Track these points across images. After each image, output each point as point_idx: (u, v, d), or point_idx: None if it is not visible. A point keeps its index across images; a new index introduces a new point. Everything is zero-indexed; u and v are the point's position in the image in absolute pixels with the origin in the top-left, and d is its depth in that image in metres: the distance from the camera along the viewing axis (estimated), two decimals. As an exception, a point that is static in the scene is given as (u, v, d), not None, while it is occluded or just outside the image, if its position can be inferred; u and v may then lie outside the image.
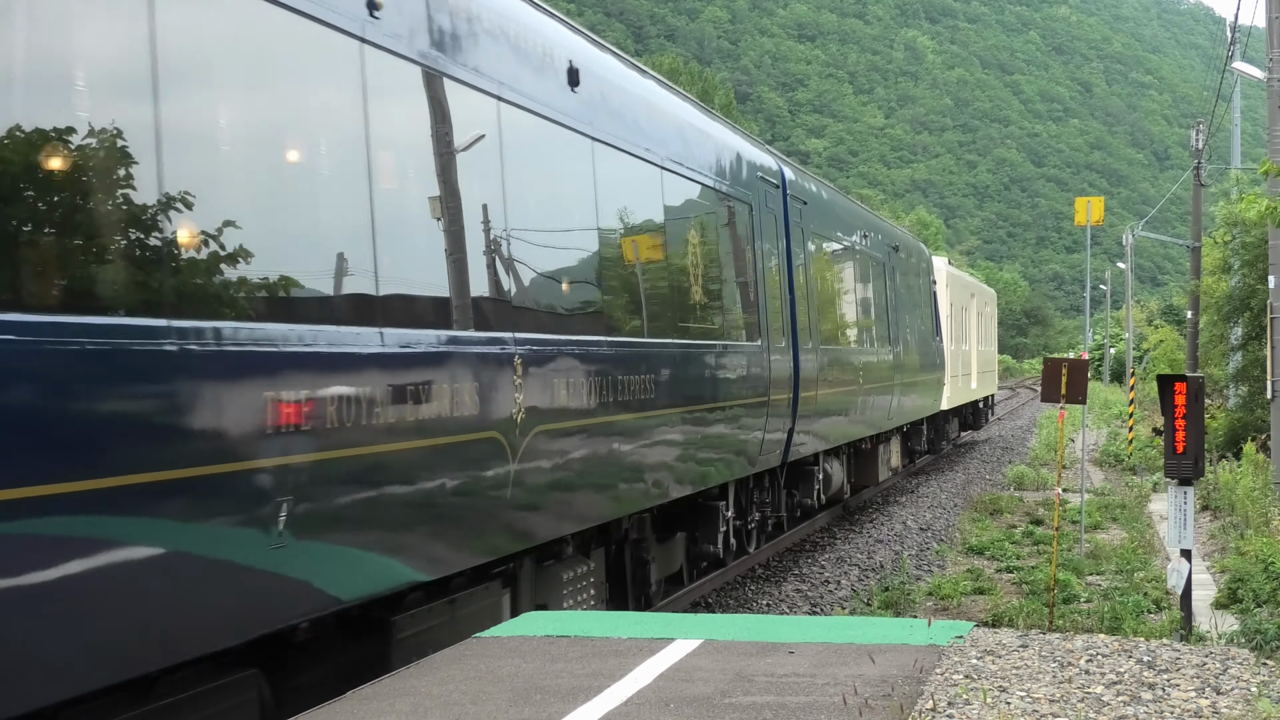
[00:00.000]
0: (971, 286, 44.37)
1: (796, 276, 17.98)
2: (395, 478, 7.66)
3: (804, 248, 18.68)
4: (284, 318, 6.71)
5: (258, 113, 6.91)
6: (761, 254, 16.36)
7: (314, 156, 7.42)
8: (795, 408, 17.24)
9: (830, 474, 20.65)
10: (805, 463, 19.23)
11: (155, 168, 5.91)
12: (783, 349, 16.78)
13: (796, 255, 18.15)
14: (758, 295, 15.97)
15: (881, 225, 27.17)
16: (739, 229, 15.65)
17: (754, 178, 16.49)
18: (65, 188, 5.56)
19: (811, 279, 18.92)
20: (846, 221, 22.80)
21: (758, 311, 15.87)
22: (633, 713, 6.55)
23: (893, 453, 27.12)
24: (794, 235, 18.06)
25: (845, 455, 22.54)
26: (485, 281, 9.14)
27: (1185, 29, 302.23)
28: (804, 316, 18.19)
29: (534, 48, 10.10)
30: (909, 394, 27.09)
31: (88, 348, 5.48)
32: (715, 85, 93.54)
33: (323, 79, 7.42)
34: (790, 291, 17.65)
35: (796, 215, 18.31)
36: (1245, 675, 7.47)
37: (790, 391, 17.03)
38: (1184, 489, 12.78)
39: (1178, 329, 58.25)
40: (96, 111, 5.65)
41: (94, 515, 5.52)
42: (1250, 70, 30.62)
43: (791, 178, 18.67)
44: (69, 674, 5.49)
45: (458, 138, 8.81)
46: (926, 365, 29.82)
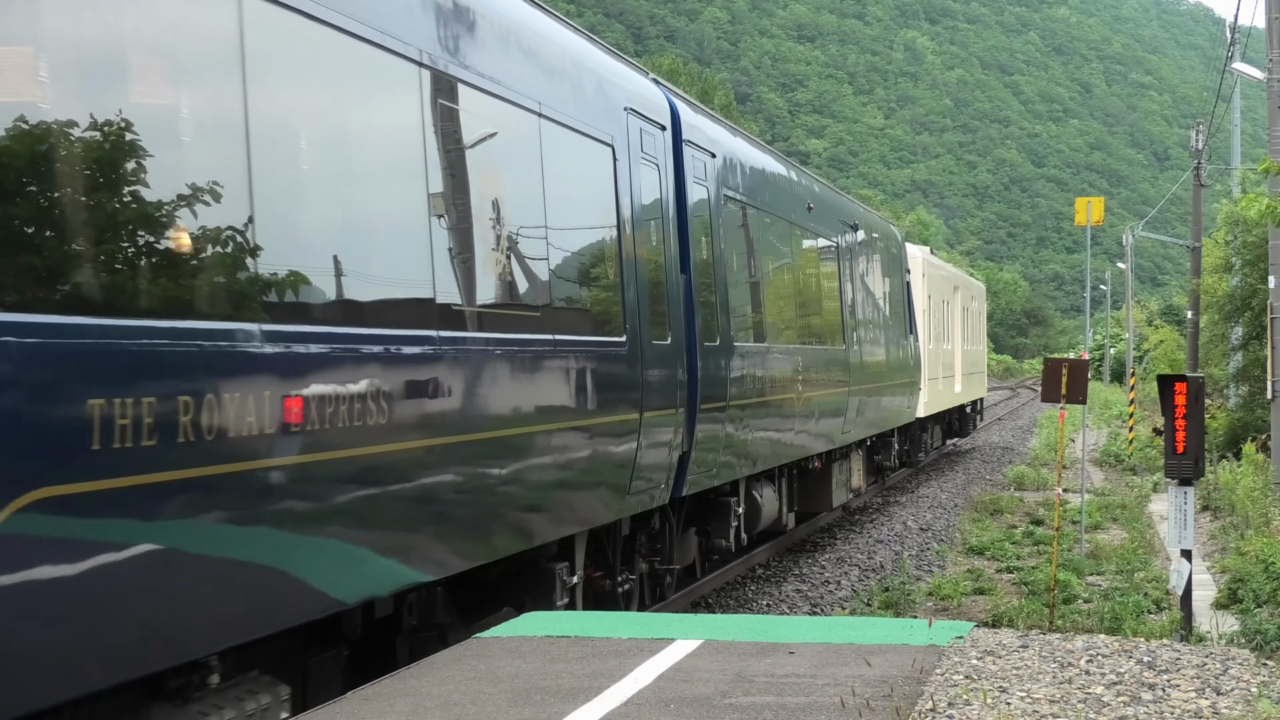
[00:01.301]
0: (955, 279, 39.55)
1: (696, 251, 13.69)
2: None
3: (712, 215, 14.40)
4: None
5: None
6: (631, 216, 11.89)
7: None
8: (692, 425, 13.15)
9: (758, 504, 16.39)
10: (720, 492, 15.15)
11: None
12: (668, 347, 12.57)
13: (698, 224, 13.85)
14: (622, 273, 11.60)
15: (837, 200, 22.91)
16: (588, 177, 11.34)
17: (617, 111, 11.94)
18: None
19: (723, 257, 14.63)
20: (782, 188, 18.34)
21: (621, 296, 11.55)
22: (633, 713, 6.55)
23: (852, 471, 22.65)
24: (693, 197, 13.74)
25: (783, 479, 18.07)
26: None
27: (1185, 30, 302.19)
28: (709, 306, 13.97)
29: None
30: (873, 401, 23.09)
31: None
32: (715, 86, 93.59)
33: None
34: (685, 271, 13.37)
35: (699, 170, 14.04)
36: (1245, 675, 7.47)
37: (683, 404, 12.95)
38: (1184, 489, 12.78)
39: (1178, 329, 58.22)
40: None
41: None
42: (1250, 71, 30.61)
43: (691, 120, 14.22)
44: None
45: None
46: (896, 367, 25.83)
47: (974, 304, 43.30)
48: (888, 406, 24.81)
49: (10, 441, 5.23)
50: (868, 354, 22.73)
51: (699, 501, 14.76)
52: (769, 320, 16.94)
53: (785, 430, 17.20)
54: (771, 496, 17.18)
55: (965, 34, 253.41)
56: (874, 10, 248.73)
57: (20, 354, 5.31)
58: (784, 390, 17.04)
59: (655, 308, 12.38)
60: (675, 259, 13.22)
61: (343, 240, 7.72)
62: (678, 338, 12.92)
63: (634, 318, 11.77)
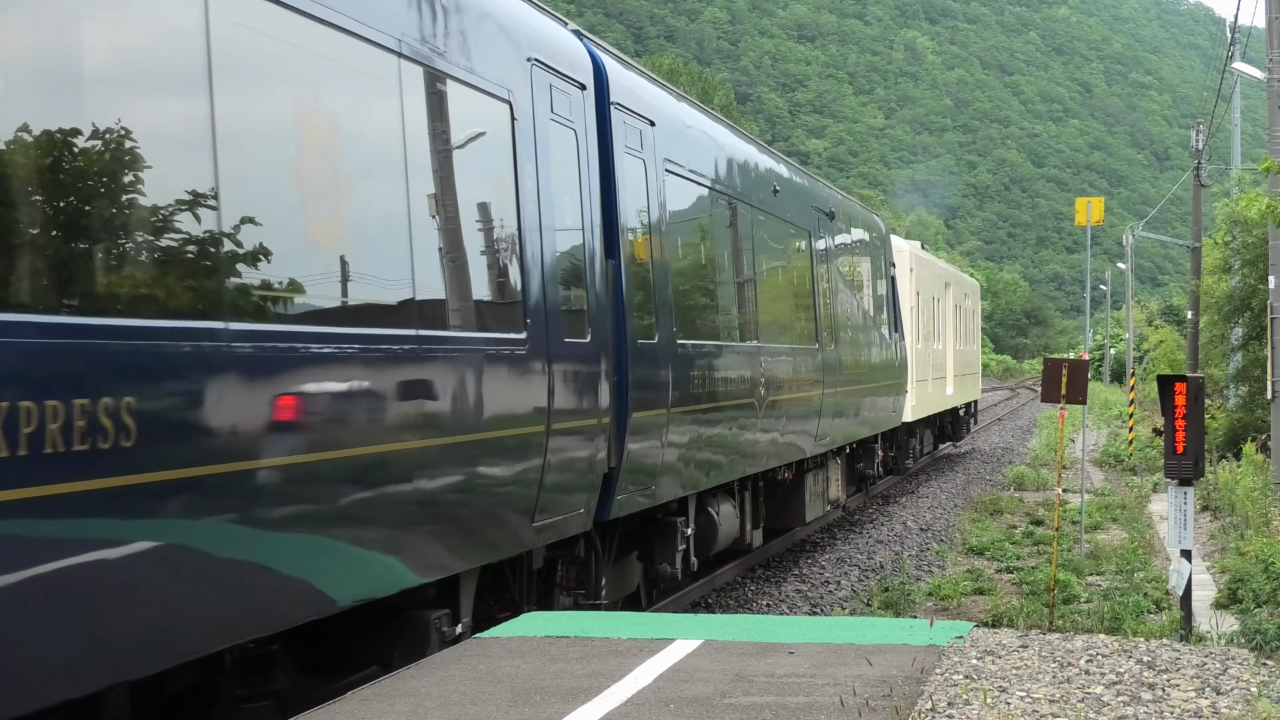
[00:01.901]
0: (947, 275, 37.29)
1: (629, 235, 11.90)
2: None
3: (650, 193, 12.53)
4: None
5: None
6: (535, 189, 9.98)
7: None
8: (622, 436, 11.42)
9: (714, 523, 14.55)
10: (667, 511, 13.38)
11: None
12: (587, 346, 10.76)
13: (631, 202, 12.01)
14: (521, 258, 9.76)
15: (808, 184, 20.43)
16: (473, 138, 9.43)
17: (517, 61, 9.93)
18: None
19: (664, 243, 12.85)
20: (742, 167, 16.17)
21: (520, 284, 9.74)
22: (633, 713, 6.55)
23: (830, 481, 20.75)
24: (625, 170, 11.88)
25: (746, 493, 16.34)
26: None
27: (1185, 29, 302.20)
28: (644, 298, 12.20)
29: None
30: (852, 404, 21.20)
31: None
32: (715, 86, 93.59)
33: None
34: (613, 257, 11.55)
35: (632, 140, 12.17)
36: (1245, 675, 7.47)
37: (608, 414, 11.12)
38: (1184, 489, 12.79)
39: (1178, 329, 58.26)
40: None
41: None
42: (1250, 71, 30.63)
43: (622, 81, 12.17)
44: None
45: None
46: (880, 368, 23.83)
47: (967, 302, 41.11)
48: (870, 410, 22.93)
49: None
50: (846, 354, 20.71)
51: (643, 522, 12.99)
52: (724, 315, 15.02)
53: (746, 439, 15.29)
54: (731, 513, 15.21)
55: (965, 34, 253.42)
56: (874, 10, 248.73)
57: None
58: (743, 394, 15.06)
59: (568, 299, 10.46)
60: (598, 242, 11.11)
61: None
62: (601, 335, 10.95)
63: (537, 311, 9.79)
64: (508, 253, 9.65)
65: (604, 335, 11.09)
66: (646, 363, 12.06)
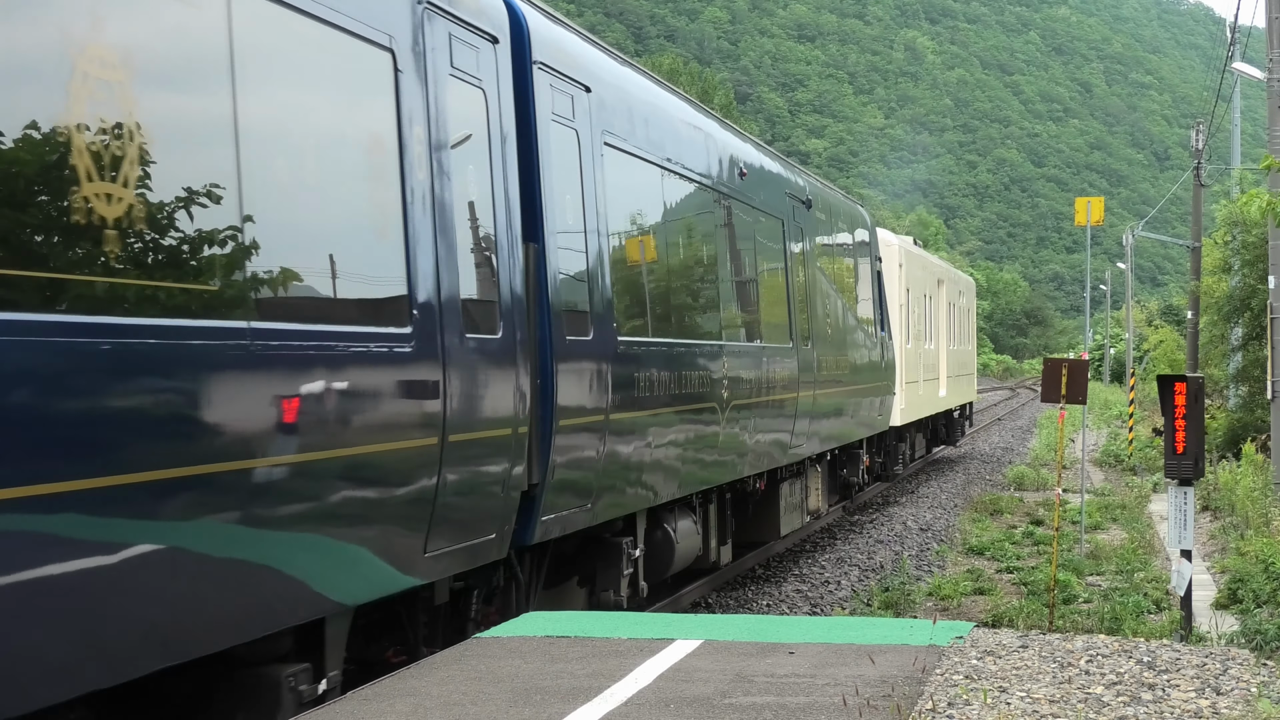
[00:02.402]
0: (939, 271, 35.53)
1: (556, 215, 10.32)
2: None
3: (584, 168, 10.96)
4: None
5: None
6: (426, 156, 8.40)
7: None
8: (547, 447, 9.94)
9: (670, 541, 13.10)
10: (613, 530, 11.93)
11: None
12: (497, 343, 9.15)
13: (560, 177, 10.44)
14: (407, 237, 8.11)
15: (782, 170, 18.59)
16: (339, 90, 7.86)
17: (406, 4, 8.40)
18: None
19: (602, 226, 11.23)
20: (702, 146, 14.51)
21: (405, 268, 8.08)
22: (633, 713, 6.55)
23: (808, 491, 19.38)
24: (550, 140, 10.25)
25: (710, 506, 14.91)
26: None
27: (1185, 29, 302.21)
28: (575, 288, 10.66)
29: None
30: (832, 408, 19.65)
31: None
32: (715, 86, 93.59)
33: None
34: (536, 240, 10.00)
35: (562, 106, 10.56)
36: (1245, 676, 7.47)
37: (526, 422, 9.55)
38: (1184, 489, 12.79)
39: (1177, 329, 58.29)
40: None
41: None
42: (1250, 70, 30.63)
43: (547, 37, 10.57)
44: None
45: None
46: (864, 369, 22.18)
47: (962, 300, 39.39)
48: (853, 414, 21.48)
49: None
50: (825, 353, 19.08)
51: (584, 543, 11.55)
52: (679, 310, 13.49)
53: (707, 447, 13.79)
54: (691, 529, 13.75)
55: (965, 34, 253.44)
56: (874, 10, 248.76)
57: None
58: (702, 398, 13.52)
59: (472, 289, 8.91)
60: (512, 222, 9.53)
61: None
62: (514, 330, 9.35)
63: (429, 301, 8.21)
64: (387, 232, 7.91)
65: (521, 331, 9.50)
66: (579, 363, 10.55)
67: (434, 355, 8.25)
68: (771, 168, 17.92)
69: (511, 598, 10.24)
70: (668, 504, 13.05)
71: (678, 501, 13.38)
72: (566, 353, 10.29)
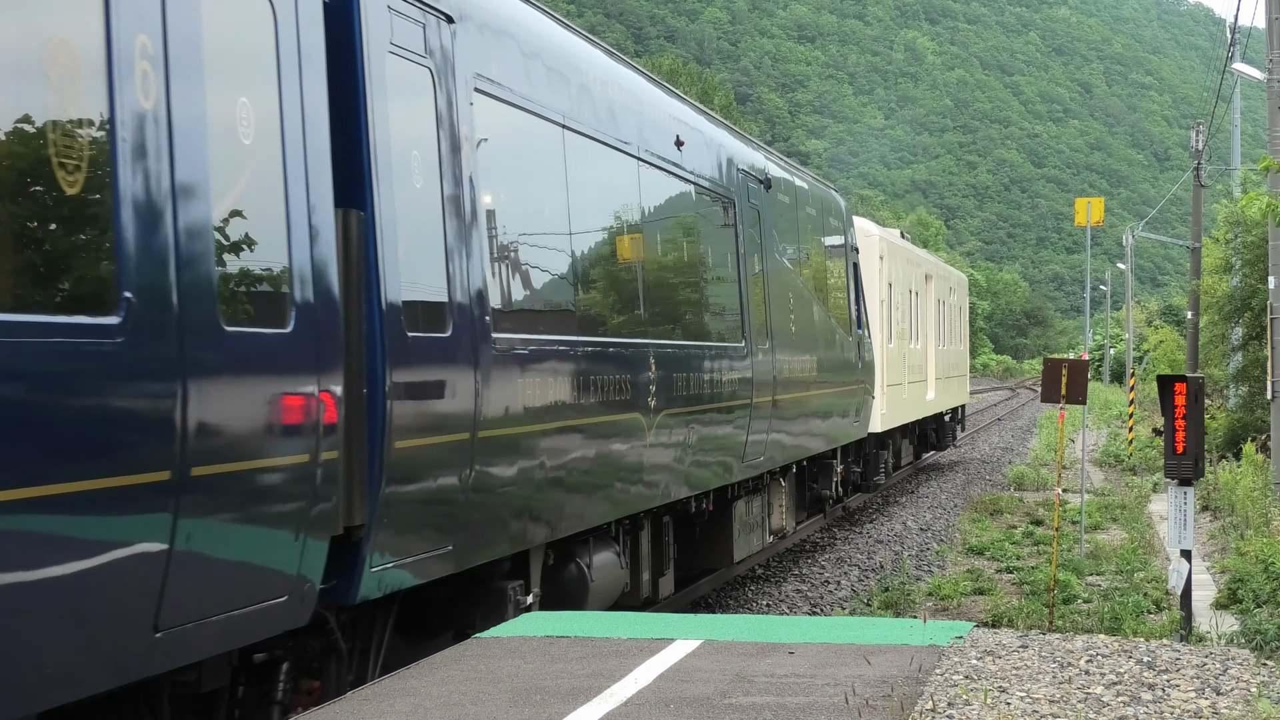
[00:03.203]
0: (926, 265, 33.18)
1: (396, 179, 8.14)
2: None
3: (441, 117, 8.71)
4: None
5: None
6: (164, 85, 6.18)
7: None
8: (375, 476, 7.74)
9: (584, 578, 11.06)
10: (498, 572, 9.69)
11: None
12: (285, 339, 7.01)
13: (400, 127, 8.19)
14: (118, 196, 5.87)
15: (732, 143, 16.15)
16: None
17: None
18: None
19: (469, 195, 9.00)
20: (621, 105, 12.20)
21: (117, 239, 5.85)
22: (633, 713, 6.55)
23: (771, 508, 17.43)
24: (385, 79, 8.04)
25: (641, 533, 12.79)
26: None
27: (1185, 30, 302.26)
28: (422, 270, 8.44)
29: None
30: (796, 416, 17.44)
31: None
32: (715, 86, 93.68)
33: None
34: (362, 206, 7.81)
35: (408, 38, 8.36)
36: (1245, 676, 7.47)
37: (335, 444, 7.35)
38: (1184, 489, 12.80)
39: (1178, 329, 58.31)
40: None
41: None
42: (1250, 71, 30.64)
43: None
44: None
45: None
46: (836, 371, 19.99)
47: (953, 297, 37.13)
48: (823, 421, 19.40)
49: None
50: (786, 354, 16.85)
51: (466, 585, 9.35)
52: (586, 302, 11.32)
53: (629, 467, 11.78)
54: (611, 563, 11.68)
55: (965, 34, 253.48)
56: (874, 10, 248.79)
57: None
58: (621, 408, 11.45)
59: (241, 265, 6.75)
60: (314, 181, 7.25)
61: None
62: (313, 322, 7.14)
63: (155, 281, 6.00)
64: (79, 187, 5.66)
65: (325, 323, 7.27)
66: (430, 366, 8.42)
67: (163, 356, 6.02)
68: (719, 139, 15.47)
69: (333, 671, 7.99)
70: (581, 535, 11.00)
71: (593, 531, 11.27)
72: (407, 353, 8.06)
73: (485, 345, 9.03)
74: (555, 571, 10.85)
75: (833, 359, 19.88)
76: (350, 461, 7.58)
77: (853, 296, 21.82)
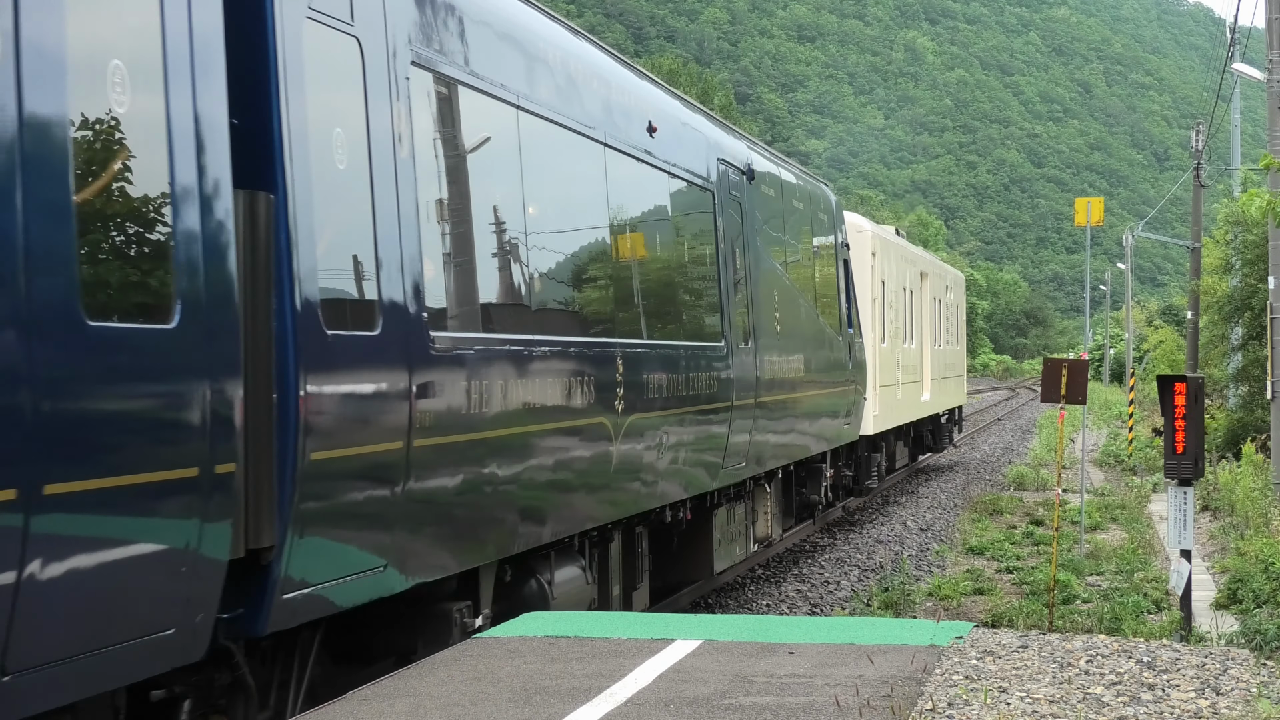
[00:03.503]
0: (921, 262, 32.17)
1: (311, 153, 7.30)
2: None
3: (370, 91, 7.89)
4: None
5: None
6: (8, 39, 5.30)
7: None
8: (286, 493, 6.97)
9: (545, 595, 10.23)
10: (443, 593, 8.95)
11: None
12: (168, 338, 6.16)
13: (319, 99, 7.43)
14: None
15: (711, 131, 15.09)
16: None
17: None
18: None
19: (408, 176, 8.21)
20: (584, 86, 11.20)
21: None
22: (633, 713, 6.55)
23: (756, 515, 16.66)
24: (302, 45, 7.28)
25: (610, 545, 11.91)
26: None
27: (1185, 30, 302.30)
28: (341, 262, 7.76)
29: None
30: (781, 418, 16.57)
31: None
32: (715, 86, 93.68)
33: None
34: (273, 186, 7.06)
35: (330, 3, 7.57)
36: (1245, 676, 7.47)
37: (230, 456, 6.54)
38: (1184, 489, 12.80)
39: (1177, 329, 58.33)
40: None
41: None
42: (1250, 71, 30.64)
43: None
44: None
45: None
46: (825, 372, 19.08)
47: (949, 295, 36.26)
48: (810, 424, 18.45)
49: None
50: (772, 355, 15.99)
51: (411, 606, 8.55)
52: (544, 297, 10.48)
53: (594, 475, 10.93)
54: (575, 578, 10.78)
55: (965, 34, 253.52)
56: (874, 10, 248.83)
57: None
58: (583, 413, 10.58)
59: (112, 250, 6.03)
60: (208, 158, 6.45)
61: None
62: (206, 316, 6.33)
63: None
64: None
65: (221, 320, 6.46)
66: (354, 368, 7.58)
67: (7, 354, 5.27)
68: (696, 126, 14.53)
69: (263, 701, 7.35)
70: (542, 549, 10.16)
71: (555, 545, 10.40)
72: (326, 353, 7.24)
73: (421, 345, 8.16)
74: (513, 588, 9.95)
75: (821, 359, 18.99)
76: (255, 476, 6.73)
77: (843, 294, 21.01)
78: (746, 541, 16.18)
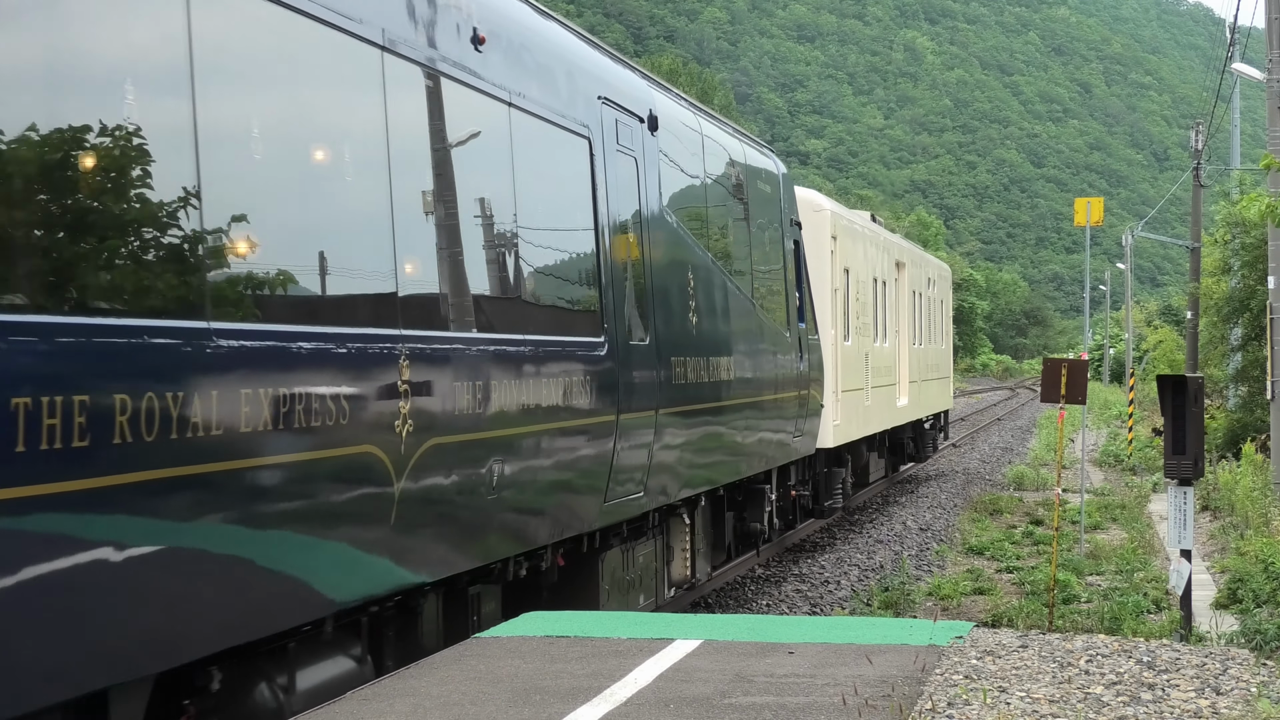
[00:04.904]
0: (898, 251, 28.36)
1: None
2: None
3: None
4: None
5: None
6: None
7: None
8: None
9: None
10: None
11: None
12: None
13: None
14: None
15: (588, 58, 11.67)
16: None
17: None
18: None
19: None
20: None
21: None
22: (633, 713, 6.55)
23: (674, 553, 13.65)
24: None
25: (419, 616, 8.59)
26: None
27: (1185, 30, 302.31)
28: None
29: None
30: (699, 434, 13.35)
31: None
32: (715, 86, 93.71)
33: None
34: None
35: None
36: (1245, 675, 7.47)
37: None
38: (1184, 489, 12.80)
39: (1177, 330, 58.34)
40: None
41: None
42: (1250, 71, 30.64)
43: None
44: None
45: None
46: (763, 372, 15.72)
47: (932, 289, 32.23)
48: (746, 439, 15.18)
49: None
50: (679, 353, 12.70)
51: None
52: (271, 273, 6.81)
53: (363, 533, 7.49)
54: (333, 685, 7.40)
55: (965, 34, 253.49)
56: (874, 10, 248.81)
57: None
58: (341, 441, 7.12)
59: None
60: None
61: None
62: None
63: None
64: None
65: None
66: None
67: None
68: (563, 48, 11.05)
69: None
70: (270, 640, 6.88)
71: (298, 634, 7.17)
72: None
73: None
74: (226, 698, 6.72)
75: (761, 359, 15.73)
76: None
77: (792, 283, 17.60)
78: (659, 585, 13.11)
